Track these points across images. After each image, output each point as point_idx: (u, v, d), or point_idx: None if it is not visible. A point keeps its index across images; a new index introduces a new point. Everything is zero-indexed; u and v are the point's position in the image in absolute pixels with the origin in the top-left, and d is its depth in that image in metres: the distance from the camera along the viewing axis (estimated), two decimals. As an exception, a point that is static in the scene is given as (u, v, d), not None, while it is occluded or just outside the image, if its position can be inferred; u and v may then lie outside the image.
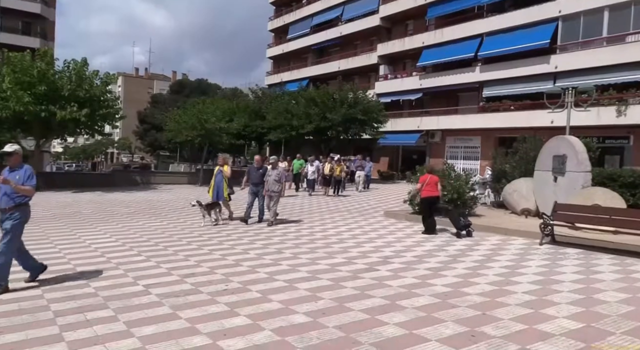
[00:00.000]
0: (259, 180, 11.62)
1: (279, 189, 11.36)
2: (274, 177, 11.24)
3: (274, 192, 11.29)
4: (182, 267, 7.06)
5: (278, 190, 11.34)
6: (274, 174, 11.30)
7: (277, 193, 11.32)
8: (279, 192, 11.39)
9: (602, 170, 13.74)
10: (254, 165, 12.12)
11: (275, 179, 11.24)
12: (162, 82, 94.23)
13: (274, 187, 11.27)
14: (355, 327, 4.63)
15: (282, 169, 11.70)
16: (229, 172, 12.09)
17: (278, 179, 11.26)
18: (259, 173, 11.69)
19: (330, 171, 20.00)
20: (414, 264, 7.46)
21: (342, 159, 22.42)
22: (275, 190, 11.29)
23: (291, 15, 47.18)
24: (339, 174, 20.01)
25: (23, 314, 4.95)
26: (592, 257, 8.22)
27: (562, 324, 4.78)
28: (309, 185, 21.25)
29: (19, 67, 20.05)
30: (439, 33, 31.83)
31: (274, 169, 11.40)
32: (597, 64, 23.30)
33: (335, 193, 20.08)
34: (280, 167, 11.57)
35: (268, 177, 11.30)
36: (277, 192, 11.32)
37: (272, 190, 11.28)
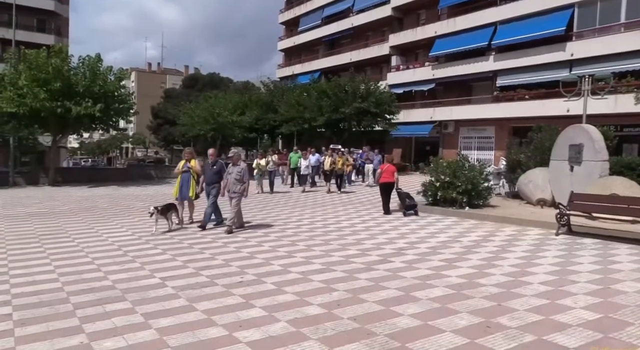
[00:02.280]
0: (211, 179, 10.05)
1: (241, 189, 9.50)
2: (235, 176, 9.47)
3: (234, 193, 9.51)
4: (198, 260, 7.13)
5: (240, 191, 9.50)
6: (234, 171, 9.50)
7: (238, 194, 9.51)
8: (240, 193, 9.53)
9: (620, 159, 13.52)
10: (208, 161, 10.34)
11: (237, 178, 9.47)
12: (174, 77, 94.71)
13: (235, 187, 9.48)
14: (369, 318, 4.64)
15: (244, 167, 9.59)
16: (198, 167, 10.50)
17: (240, 178, 9.47)
18: (212, 170, 10.09)
19: (332, 166, 17.86)
20: (428, 255, 7.44)
21: (344, 151, 21.00)
22: (236, 191, 9.50)
23: (302, 7, 46.95)
24: (340, 167, 17.85)
25: (43, 306, 5.05)
26: (610, 247, 8.11)
27: (579, 314, 4.74)
28: (302, 181, 19.24)
29: (34, 64, 20.33)
30: (452, 22, 31.43)
31: (234, 165, 9.57)
32: (614, 50, 22.82)
33: (338, 189, 18.14)
34: (242, 164, 9.60)
35: (228, 176, 9.59)
36: (238, 193, 9.51)
37: (233, 191, 9.52)
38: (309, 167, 18.99)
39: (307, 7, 46.19)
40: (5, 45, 34.93)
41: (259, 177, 17.73)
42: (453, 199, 12.19)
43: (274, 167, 18.62)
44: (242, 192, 9.55)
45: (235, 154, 9.86)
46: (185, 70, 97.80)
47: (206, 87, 55.72)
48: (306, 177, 19.06)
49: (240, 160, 9.73)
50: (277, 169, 19.35)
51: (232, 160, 9.74)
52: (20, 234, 9.37)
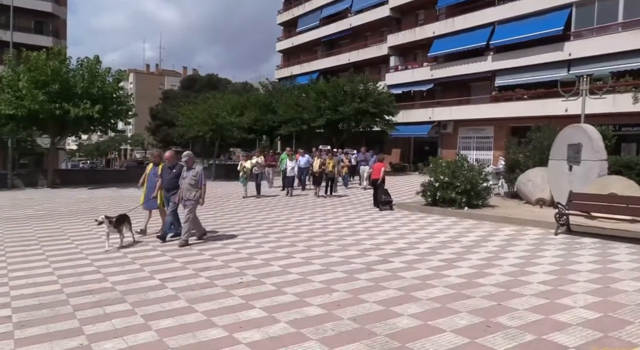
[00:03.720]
0: (170, 185, 8.83)
1: (195, 196, 8.43)
2: (189, 181, 8.40)
3: (188, 200, 8.41)
4: (197, 261, 7.13)
5: (194, 198, 8.43)
6: (189, 175, 8.43)
7: (192, 201, 8.42)
8: (195, 200, 8.45)
9: (618, 159, 13.54)
10: (166, 164, 9.07)
11: (191, 183, 8.40)
12: (173, 78, 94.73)
13: (189, 193, 8.40)
14: (370, 318, 4.64)
15: (200, 170, 8.56)
16: None
17: (195, 183, 8.41)
18: (171, 174, 8.88)
19: (321, 167, 16.61)
20: (428, 256, 7.45)
21: (336, 152, 20.27)
22: (190, 198, 8.41)
23: (300, 8, 46.99)
24: (331, 170, 16.65)
25: (43, 308, 5.05)
26: (609, 246, 8.12)
27: (578, 313, 4.74)
28: (288, 183, 17.74)
29: (34, 66, 20.31)
30: (450, 22, 31.48)
31: (189, 169, 8.51)
32: (612, 50, 22.89)
33: (328, 193, 16.95)
34: (198, 167, 8.59)
35: (182, 180, 8.50)
36: (192, 201, 8.42)
37: (187, 198, 8.42)
38: (295, 169, 17.80)
39: (305, 7, 46.22)
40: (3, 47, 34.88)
41: (244, 181, 16.95)
42: (452, 199, 12.21)
43: (259, 170, 17.37)
44: (197, 200, 8.48)
45: (188, 156, 8.70)
46: (183, 71, 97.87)
47: (205, 88, 55.78)
48: (292, 179, 17.79)
49: (196, 163, 8.68)
50: (263, 171, 18.06)
51: (187, 163, 8.59)
52: (20, 236, 9.36)
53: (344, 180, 20.15)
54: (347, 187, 19.86)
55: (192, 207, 8.45)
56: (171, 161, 8.97)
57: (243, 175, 16.88)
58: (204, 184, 8.53)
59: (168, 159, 8.99)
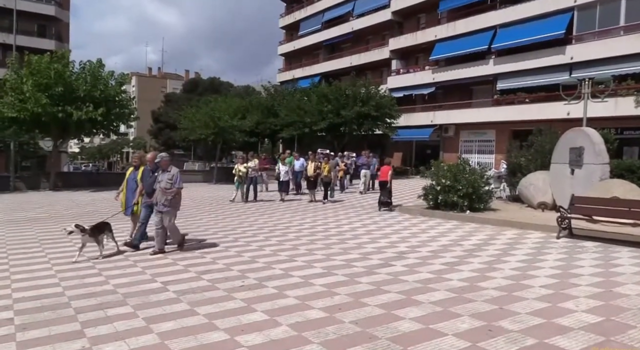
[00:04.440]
0: (152, 189, 8.18)
1: (170, 201, 7.83)
2: (165, 184, 7.80)
3: (164, 205, 7.83)
4: (199, 264, 7.13)
5: (170, 205, 7.86)
6: (164, 179, 7.83)
7: (168, 207, 7.85)
8: (172, 206, 7.92)
9: (620, 162, 13.52)
10: (147, 168, 8.49)
11: (167, 187, 7.78)
12: (175, 81, 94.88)
13: (164, 198, 7.81)
14: (371, 322, 4.64)
15: (176, 172, 7.92)
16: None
17: (170, 187, 7.80)
18: (152, 178, 8.20)
19: (316, 171, 15.86)
20: (430, 259, 7.44)
21: (331, 156, 19.63)
22: (166, 204, 7.81)
23: (302, 12, 47.09)
24: (327, 174, 15.96)
25: (45, 311, 5.05)
26: (611, 250, 8.10)
27: (581, 317, 4.73)
28: (281, 188, 16.97)
29: (37, 69, 20.40)
30: (452, 26, 31.51)
31: (164, 171, 7.90)
32: (614, 53, 22.87)
33: (325, 198, 16.19)
34: (173, 169, 7.93)
35: (157, 185, 7.93)
36: (168, 207, 7.84)
37: (162, 204, 7.84)
38: (289, 173, 17.11)
39: (307, 11, 46.32)
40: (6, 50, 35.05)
41: (239, 185, 16.37)
42: (454, 202, 12.19)
43: (254, 173, 16.53)
44: (175, 205, 7.94)
45: (162, 157, 8.07)
46: (185, 74, 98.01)
47: (207, 92, 55.81)
48: (286, 184, 17.11)
49: (171, 165, 8.03)
50: (258, 175, 17.29)
51: (161, 165, 7.97)
52: (22, 239, 9.38)
53: (340, 185, 19.57)
54: (343, 192, 19.33)
55: (170, 214, 7.90)
56: (152, 164, 8.30)
57: (238, 179, 16.31)
58: (180, 187, 7.93)
59: (150, 161, 8.35)
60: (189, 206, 15.26)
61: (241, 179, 16.17)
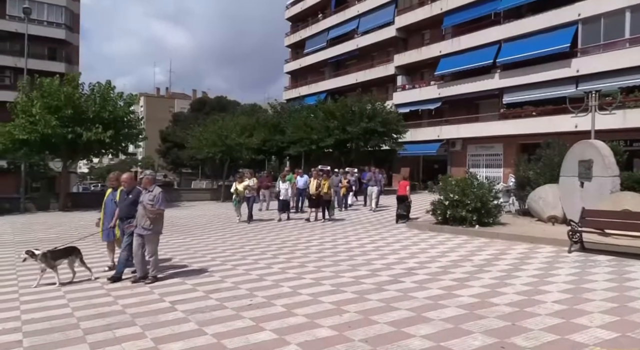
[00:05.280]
0: (127, 213, 7.54)
1: (151, 224, 7.13)
2: (146, 203, 7.11)
3: (144, 228, 7.13)
4: (207, 283, 7.11)
5: (151, 228, 7.14)
6: (146, 199, 7.14)
7: (150, 231, 7.14)
8: (155, 231, 7.22)
9: (631, 174, 13.40)
10: (123, 189, 7.80)
11: (148, 209, 7.11)
12: (182, 101, 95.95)
13: (144, 221, 7.12)
14: (381, 340, 4.58)
15: (158, 193, 7.23)
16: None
17: (150, 209, 7.10)
18: (127, 200, 7.58)
19: (317, 189, 15.34)
20: (439, 275, 7.36)
21: (331, 172, 19.06)
22: (146, 227, 7.13)
23: (307, 30, 47.70)
24: (326, 191, 15.32)
25: (54, 332, 5.04)
26: (625, 264, 7.97)
27: (595, 333, 4.64)
28: (281, 207, 16.18)
29: (47, 92, 20.73)
30: (456, 41, 31.71)
31: (146, 191, 7.26)
32: (620, 66, 22.83)
33: (325, 216, 15.67)
34: (156, 189, 7.28)
35: (139, 206, 7.24)
36: (150, 230, 7.14)
37: (142, 226, 7.14)
38: (289, 192, 16.37)
39: (312, 29, 46.91)
40: (18, 74, 35.69)
41: (237, 204, 15.74)
42: (463, 217, 12.10)
43: (251, 193, 15.76)
44: (155, 229, 7.20)
45: (144, 175, 7.57)
46: (193, 94, 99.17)
47: (214, 110, 56.35)
48: (286, 203, 16.34)
49: (154, 185, 7.39)
50: (255, 194, 16.57)
51: (143, 184, 7.37)
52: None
53: (339, 202, 18.59)
54: (346, 209, 18.73)
55: (152, 237, 7.21)
56: (129, 185, 7.69)
57: (236, 197, 15.66)
58: (163, 208, 7.22)
59: (125, 182, 7.69)
60: (196, 224, 15.29)
61: (239, 198, 15.60)
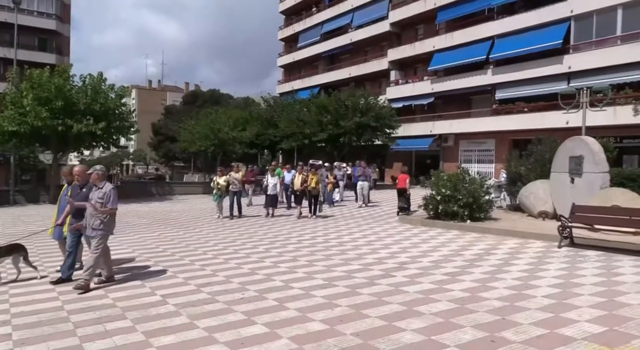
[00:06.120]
0: (78, 210, 6.85)
1: (101, 224, 6.51)
2: (96, 202, 6.54)
3: (94, 229, 6.51)
4: (198, 277, 7.09)
5: (100, 228, 6.52)
6: (95, 197, 6.58)
7: (100, 231, 6.51)
8: (104, 230, 6.57)
9: (620, 171, 13.54)
10: (76, 184, 7.20)
11: (97, 208, 6.53)
12: (175, 94, 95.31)
13: (93, 220, 6.51)
14: (372, 333, 4.60)
15: (109, 189, 6.61)
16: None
17: (100, 207, 6.52)
18: (80, 195, 6.91)
19: (303, 185, 14.79)
20: (431, 269, 7.40)
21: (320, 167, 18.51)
22: (96, 227, 6.51)
23: (301, 24, 47.49)
24: (314, 186, 14.70)
25: (44, 325, 5.01)
26: (613, 259, 8.06)
27: (584, 327, 4.69)
28: (268, 202, 15.42)
29: (37, 84, 20.50)
30: (450, 37, 31.74)
31: (96, 188, 6.68)
32: (611, 62, 22.99)
33: (312, 212, 14.84)
34: (107, 186, 6.68)
35: (88, 204, 6.63)
36: (99, 230, 6.51)
37: (91, 227, 6.53)
38: (277, 186, 15.61)
39: (306, 23, 46.71)
40: (7, 65, 35.24)
41: (217, 199, 15.01)
42: (454, 212, 12.17)
43: (237, 187, 15.10)
44: (105, 229, 6.58)
45: (94, 170, 6.78)
46: (185, 87, 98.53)
47: (206, 104, 56.04)
48: (274, 198, 15.56)
49: (105, 181, 6.78)
50: (242, 189, 15.98)
51: (93, 180, 6.71)
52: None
53: (326, 198, 17.73)
54: (332, 206, 18.03)
55: (101, 239, 6.53)
56: (82, 179, 7.03)
57: (217, 192, 14.98)
58: (115, 207, 6.65)
59: (78, 176, 7.07)
60: (188, 218, 15.24)
61: (221, 192, 14.91)
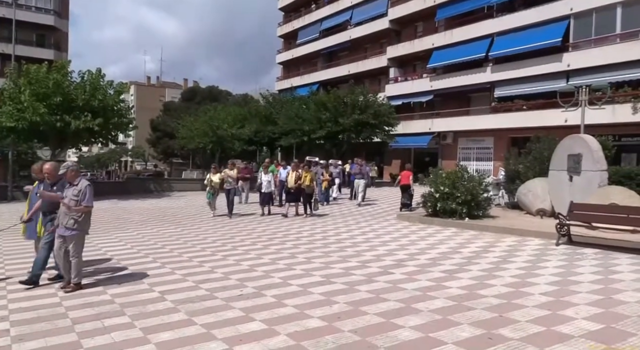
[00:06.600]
0: (49, 207, 6.57)
1: (75, 223, 6.13)
2: (69, 202, 6.13)
3: (68, 229, 6.12)
4: (197, 273, 7.10)
5: (74, 227, 6.13)
6: (70, 194, 6.19)
7: (73, 231, 6.14)
8: (79, 230, 6.20)
9: (618, 169, 13.56)
10: (47, 182, 6.72)
11: (71, 206, 6.12)
12: (173, 90, 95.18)
13: (67, 219, 6.11)
14: (370, 330, 4.61)
15: (85, 187, 6.22)
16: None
17: (75, 205, 6.12)
18: (52, 192, 6.49)
19: (297, 183, 14.16)
20: (429, 267, 7.41)
21: (314, 164, 18.19)
22: (70, 227, 6.12)
23: (300, 21, 47.39)
24: (308, 184, 14.20)
25: (42, 321, 5.01)
26: (611, 257, 8.08)
27: (581, 325, 4.71)
28: (263, 200, 14.99)
29: (35, 79, 20.44)
30: (449, 34, 31.71)
31: (70, 186, 6.29)
32: (610, 61, 23.01)
33: (305, 211, 14.44)
34: (82, 182, 6.31)
35: (62, 201, 6.20)
36: (74, 230, 6.14)
37: (65, 226, 6.13)
38: (271, 184, 15.16)
39: (305, 20, 46.61)
40: (5, 60, 35.14)
41: (211, 196, 14.57)
42: (453, 209, 12.18)
43: (231, 185, 14.77)
44: (79, 228, 6.18)
45: (67, 167, 6.36)
46: (184, 83, 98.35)
47: (205, 100, 56.00)
48: (268, 196, 15.13)
49: (80, 178, 6.41)
50: (236, 186, 15.71)
51: (66, 177, 6.34)
52: (19, 248, 9.33)
53: (321, 196, 17.36)
54: (327, 204, 17.57)
55: (77, 238, 6.21)
56: (52, 176, 6.63)
57: (210, 190, 14.56)
58: (90, 205, 6.27)
59: (48, 173, 6.65)
60: (186, 215, 15.23)
61: (214, 190, 14.54)
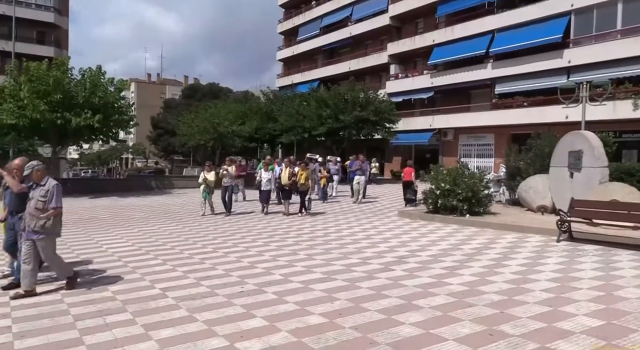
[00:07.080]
0: (16, 206, 6.26)
1: (43, 225, 5.77)
2: (36, 203, 5.79)
3: (35, 232, 5.78)
4: (198, 270, 7.10)
5: (42, 231, 5.79)
6: (36, 195, 5.83)
7: (43, 234, 5.80)
8: (48, 233, 5.86)
9: (619, 165, 13.55)
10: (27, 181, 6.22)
11: (38, 207, 5.77)
12: (174, 87, 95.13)
13: (34, 222, 5.75)
14: (371, 327, 4.61)
15: (52, 187, 5.89)
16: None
17: (42, 207, 5.77)
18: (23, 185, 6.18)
19: (291, 179, 13.66)
20: (430, 263, 7.42)
21: (309, 161, 17.81)
22: (37, 230, 5.76)
23: (300, 17, 47.27)
24: (304, 182, 13.63)
25: (44, 318, 5.02)
26: (611, 253, 8.08)
27: (582, 321, 4.71)
28: (263, 198, 14.57)
29: (35, 76, 20.43)
30: (450, 30, 31.63)
31: (37, 186, 5.92)
32: (611, 57, 22.94)
33: (300, 210, 13.98)
34: (50, 182, 5.95)
35: (29, 202, 5.85)
36: (42, 233, 5.80)
37: (32, 229, 5.77)
38: (271, 181, 14.53)
39: (305, 16, 46.49)
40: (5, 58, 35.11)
41: (206, 195, 14.10)
42: (453, 206, 12.19)
43: (230, 182, 14.44)
44: (49, 230, 5.84)
45: (32, 167, 5.95)
46: (184, 80, 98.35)
47: (206, 97, 55.94)
48: (267, 193, 14.55)
49: (47, 177, 6.04)
50: (234, 184, 15.44)
51: (32, 177, 5.92)
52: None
53: (320, 194, 17.34)
54: (325, 201, 17.29)
55: (47, 241, 5.88)
56: (20, 172, 6.16)
57: (205, 188, 14.10)
58: (59, 206, 5.92)
59: (17, 169, 6.20)
60: (187, 212, 15.24)
61: (209, 189, 14.15)
